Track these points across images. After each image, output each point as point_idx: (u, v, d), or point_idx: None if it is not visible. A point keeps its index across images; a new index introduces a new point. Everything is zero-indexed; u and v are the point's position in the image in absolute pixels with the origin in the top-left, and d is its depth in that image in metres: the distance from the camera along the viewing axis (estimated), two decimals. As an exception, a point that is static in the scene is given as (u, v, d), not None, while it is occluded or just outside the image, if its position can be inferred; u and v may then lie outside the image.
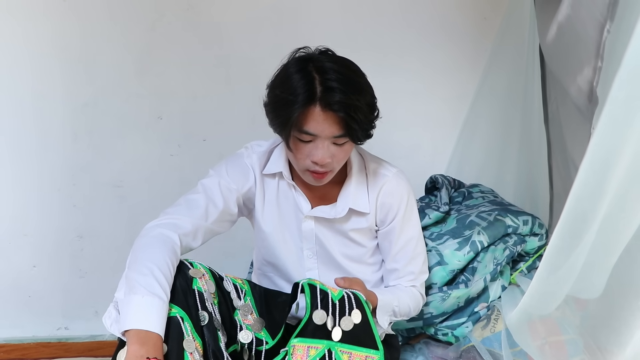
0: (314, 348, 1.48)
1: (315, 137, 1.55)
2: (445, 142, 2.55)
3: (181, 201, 1.67)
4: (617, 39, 1.42)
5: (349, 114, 1.51)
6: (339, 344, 1.49)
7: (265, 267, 1.86)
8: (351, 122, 1.52)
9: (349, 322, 1.52)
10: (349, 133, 1.54)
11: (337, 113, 1.51)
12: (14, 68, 2.30)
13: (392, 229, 1.77)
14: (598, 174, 1.30)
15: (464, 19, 2.46)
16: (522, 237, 2.09)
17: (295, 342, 1.48)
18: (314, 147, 1.56)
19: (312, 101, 1.51)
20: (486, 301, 2.02)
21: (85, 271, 2.47)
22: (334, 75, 1.51)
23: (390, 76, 2.43)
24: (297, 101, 1.51)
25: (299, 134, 1.55)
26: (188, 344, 1.40)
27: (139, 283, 1.40)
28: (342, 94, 1.50)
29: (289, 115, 1.52)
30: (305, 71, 1.53)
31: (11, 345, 2.42)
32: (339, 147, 1.58)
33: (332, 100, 1.50)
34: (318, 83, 1.51)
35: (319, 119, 1.52)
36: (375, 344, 1.54)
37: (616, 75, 1.21)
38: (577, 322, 1.71)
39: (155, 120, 2.40)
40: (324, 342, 1.49)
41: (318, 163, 1.57)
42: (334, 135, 1.54)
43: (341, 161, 1.62)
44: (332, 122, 1.52)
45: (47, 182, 2.39)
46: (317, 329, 1.49)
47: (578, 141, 1.68)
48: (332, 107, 1.50)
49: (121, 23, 2.32)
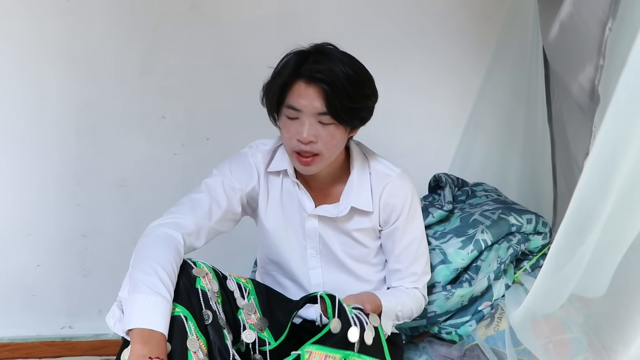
0: (331, 357, 1.47)
1: (300, 112, 1.58)
2: (449, 140, 2.55)
3: (185, 200, 1.67)
4: (619, 37, 1.42)
5: (332, 88, 1.54)
6: (354, 354, 1.48)
7: (269, 266, 1.86)
8: (333, 97, 1.54)
9: (368, 337, 1.51)
10: (331, 110, 1.56)
11: (319, 84, 1.54)
12: (17, 67, 2.30)
13: (395, 229, 1.76)
14: (603, 172, 1.30)
15: (467, 17, 2.46)
16: (526, 235, 2.08)
17: (313, 348, 1.46)
18: (300, 124, 1.59)
19: (297, 74, 1.57)
20: (490, 300, 2.01)
21: (89, 270, 2.47)
22: (328, 54, 1.57)
23: (393, 75, 2.43)
24: (284, 73, 1.58)
25: (286, 110, 1.60)
26: (192, 343, 1.40)
27: (143, 282, 1.40)
28: (328, 66, 1.55)
29: (275, 89, 1.59)
30: (302, 52, 1.60)
31: (16, 344, 2.43)
32: (324, 127, 1.59)
33: (315, 70, 1.55)
34: (310, 60, 1.57)
35: (302, 93, 1.57)
36: (384, 357, 1.53)
37: (621, 74, 1.21)
38: (581, 320, 1.70)
39: (159, 119, 2.41)
40: (341, 352, 1.47)
41: (303, 141, 1.59)
42: (318, 111, 1.57)
43: (328, 144, 1.61)
44: (315, 96, 1.56)
45: (51, 181, 2.39)
46: (342, 340, 1.48)
47: (580, 139, 1.68)
48: (315, 76, 1.55)
49: (125, 22, 2.32)
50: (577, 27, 1.54)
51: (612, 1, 1.35)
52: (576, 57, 1.57)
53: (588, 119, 1.51)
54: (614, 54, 1.42)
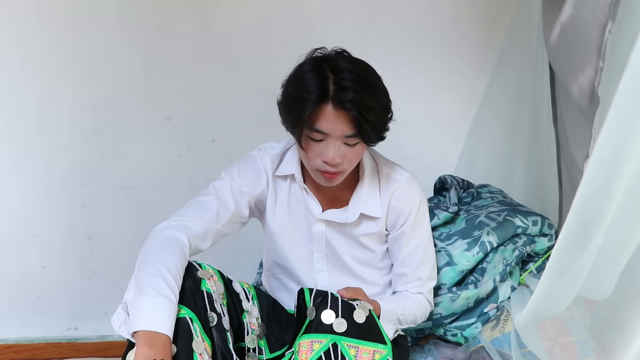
0: (317, 342, 1.48)
1: (326, 135, 1.54)
2: (454, 142, 2.54)
3: (192, 203, 1.68)
4: (619, 39, 1.42)
5: (361, 113, 1.50)
6: (344, 337, 1.49)
7: (275, 269, 1.86)
8: (363, 122, 1.51)
9: (359, 315, 1.52)
10: (361, 133, 1.53)
11: (350, 112, 1.50)
12: (23, 69, 2.31)
13: (401, 233, 1.76)
14: (604, 175, 1.30)
15: (472, 19, 2.46)
16: (532, 237, 2.08)
17: (300, 340, 1.49)
18: (325, 147, 1.55)
19: (324, 99, 1.50)
20: (495, 302, 2.01)
21: (94, 272, 2.48)
22: (347, 75, 1.51)
23: (398, 77, 2.42)
24: (309, 99, 1.51)
25: (311, 133, 1.55)
26: (197, 345, 1.40)
27: (148, 284, 1.40)
28: (355, 93, 1.49)
29: (301, 113, 1.52)
30: (319, 70, 1.54)
31: (21, 345, 2.43)
32: (350, 147, 1.57)
33: (344, 99, 1.49)
34: (331, 82, 1.51)
35: (330, 118, 1.51)
36: (382, 338, 1.53)
37: (622, 76, 1.21)
38: (588, 323, 1.70)
39: (164, 121, 2.41)
40: (328, 336, 1.48)
41: (329, 163, 1.56)
42: (346, 134, 1.53)
43: (352, 162, 1.61)
44: (344, 121, 1.52)
45: (57, 183, 2.40)
46: (320, 324, 1.50)
47: (580, 142, 1.67)
48: (345, 105, 1.49)
49: (130, 24, 2.32)
50: (577, 29, 1.53)
51: (611, 3, 1.35)
52: (576, 59, 1.56)
53: (588, 121, 1.51)
54: (613, 57, 1.42)
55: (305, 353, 1.48)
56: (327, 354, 1.48)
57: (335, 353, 1.48)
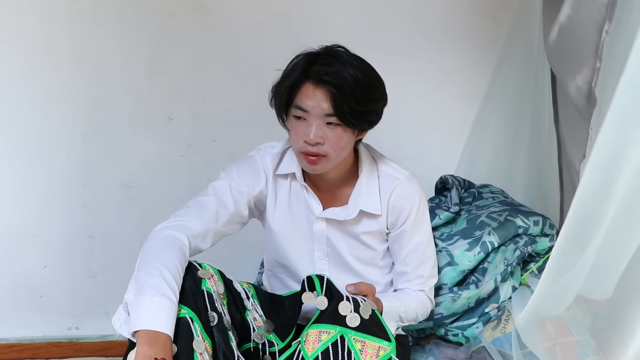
0: (326, 333, 1.48)
1: (307, 113, 1.58)
2: (455, 142, 2.54)
3: (191, 203, 1.68)
4: (616, 39, 1.42)
5: (340, 91, 1.54)
6: (352, 331, 1.49)
7: (276, 268, 1.86)
8: (340, 101, 1.54)
9: (365, 310, 1.52)
10: (338, 113, 1.56)
11: (327, 87, 1.55)
12: (24, 68, 2.31)
13: (402, 232, 1.76)
14: (603, 175, 1.30)
15: (473, 18, 2.45)
16: (533, 237, 2.08)
17: (309, 330, 1.48)
18: (307, 126, 1.59)
19: (306, 75, 1.57)
20: (497, 302, 2.01)
21: (95, 271, 2.48)
22: (339, 57, 1.57)
23: (399, 77, 2.41)
24: (293, 75, 1.59)
25: (294, 111, 1.60)
26: (198, 345, 1.41)
27: (148, 284, 1.40)
28: (336, 71, 1.55)
29: (284, 89, 1.59)
30: (312, 54, 1.61)
31: (23, 344, 2.43)
32: (331, 129, 1.59)
33: (324, 74, 1.55)
34: (319, 62, 1.57)
35: (309, 94, 1.57)
36: (387, 335, 1.53)
37: (621, 76, 1.21)
38: (589, 323, 1.70)
39: (165, 120, 2.41)
40: (337, 327, 1.48)
41: (309, 143, 1.59)
42: (325, 113, 1.57)
43: (335, 147, 1.61)
44: (323, 98, 1.56)
45: (58, 182, 2.40)
46: (332, 314, 1.49)
47: (577, 142, 1.68)
48: (323, 79, 1.55)
49: (131, 23, 2.32)
50: (575, 29, 1.54)
51: (608, 4, 1.35)
52: (574, 60, 1.57)
53: (585, 122, 1.51)
54: (610, 57, 1.42)
55: (313, 343, 1.47)
56: (335, 345, 1.47)
57: (343, 345, 1.47)
